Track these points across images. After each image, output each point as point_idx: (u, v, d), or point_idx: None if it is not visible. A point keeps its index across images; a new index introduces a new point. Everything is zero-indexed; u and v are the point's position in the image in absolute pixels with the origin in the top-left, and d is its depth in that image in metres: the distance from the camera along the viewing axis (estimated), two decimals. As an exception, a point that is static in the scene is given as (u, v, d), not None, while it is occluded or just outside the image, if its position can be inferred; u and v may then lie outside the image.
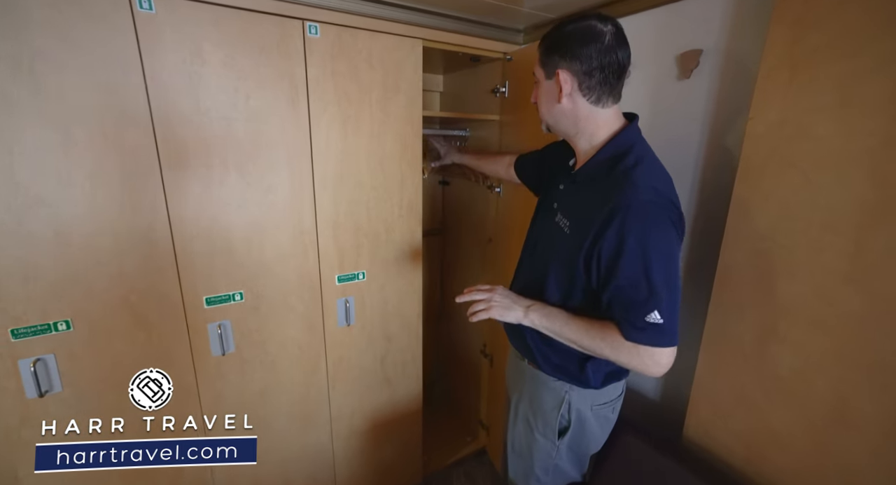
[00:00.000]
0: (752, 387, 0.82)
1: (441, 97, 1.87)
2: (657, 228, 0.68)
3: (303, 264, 1.20)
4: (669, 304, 0.69)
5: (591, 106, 0.77)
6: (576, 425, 0.90)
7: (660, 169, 0.76)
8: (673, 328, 0.70)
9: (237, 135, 1.03)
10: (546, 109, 0.82)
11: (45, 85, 0.82)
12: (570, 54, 0.74)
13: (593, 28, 0.73)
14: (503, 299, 0.86)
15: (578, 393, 0.88)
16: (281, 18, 1.02)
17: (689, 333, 1.04)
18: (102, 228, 0.93)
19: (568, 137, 0.84)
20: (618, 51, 0.73)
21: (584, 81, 0.75)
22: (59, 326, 0.93)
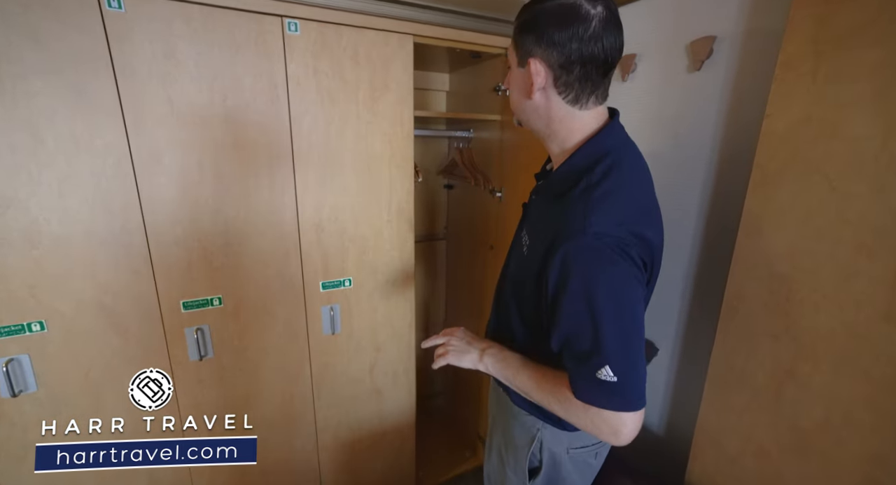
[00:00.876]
0: (763, 434, 0.69)
1: (448, 96, 1.80)
2: (608, 268, 0.55)
3: (284, 269, 1.16)
4: (625, 358, 0.56)
5: (567, 106, 0.63)
6: (549, 468, 0.78)
7: (636, 185, 0.63)
8: (632, 388, 0.56)
9: (215, 135, 1.00)
10: (516, 102, 0.68)
11: (9, 87, 0.81)
12: (547, 40, 0.59)
13: (578, 9, 0.57)
14: (459, 343, 0.77)
15: (552, 432, 0.76)
16: (258, 15, 0.98)
17: (694, 364, 0.91)
18: (74, 230, 0.92)
19: (539, 136, 0.71)
20: (604, 39, 0.58)
21: (561, 76, 0.60)
22: (32, 326, 0.93)
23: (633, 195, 0.61)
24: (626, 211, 0.59)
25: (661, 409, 1.00)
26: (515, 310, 0.72)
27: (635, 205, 0.61)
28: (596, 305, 0.55)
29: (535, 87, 0.62)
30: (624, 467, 0.90)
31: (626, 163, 0.62)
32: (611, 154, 0.62)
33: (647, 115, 0.95)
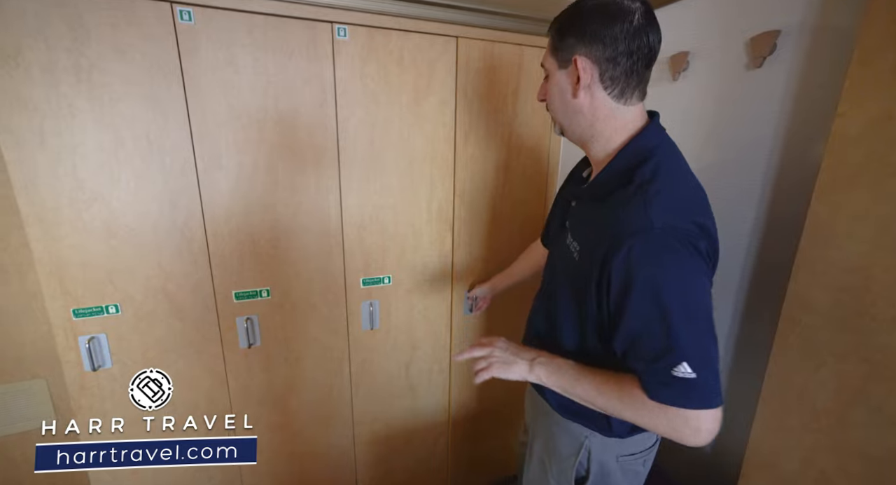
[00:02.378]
0: (826, 459, 0.64)
1: None
2: (676, 261, 0.55)
3: (328, 265, 1.21)
4: (703, 353, 0.54)
5: (612, 102, 0.63)
6: (597, 478, 0.76)
7: (685, 180, 0.61)
8: (712, 384, 0.54)
9: (267, 137, 1.06)
10: (559, 106, 0.68)
11: (99, 93, 0.91)
12: (591, 36, 0.60)
13: (619, 4, 0.59)
14: (503, 354, 0.73)
15: (601, 441, 0.74)
16: (310, 22, 1.03)
17: (744, 378, 0.85)
18: (144, 223, 1.01)
19: (582, 141, 0.70)
20: (649, 33, 0.59)
21: (607, 70, 0.61)
22: (109, 309, 1.03)
23: (689, 188, 0.61)
24: (687, 203, 0.59)
25: (709, 425, 0.94)
26: (566, 313, 0.71)
27: (694, 197, 0.61)
28: (668, 300, 0.54)
29: (582, 85, 0.63)
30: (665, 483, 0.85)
31: (673, 160, 0.61)
32: (656, 152, 0.61)
33: (701, 114, 0.91)
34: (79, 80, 0.89)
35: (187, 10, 0.93)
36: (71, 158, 0.92)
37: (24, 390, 1.39)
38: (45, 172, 0.91)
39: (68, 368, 1.03)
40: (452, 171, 1.28)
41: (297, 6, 1.01)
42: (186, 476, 1.23)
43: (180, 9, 0.92)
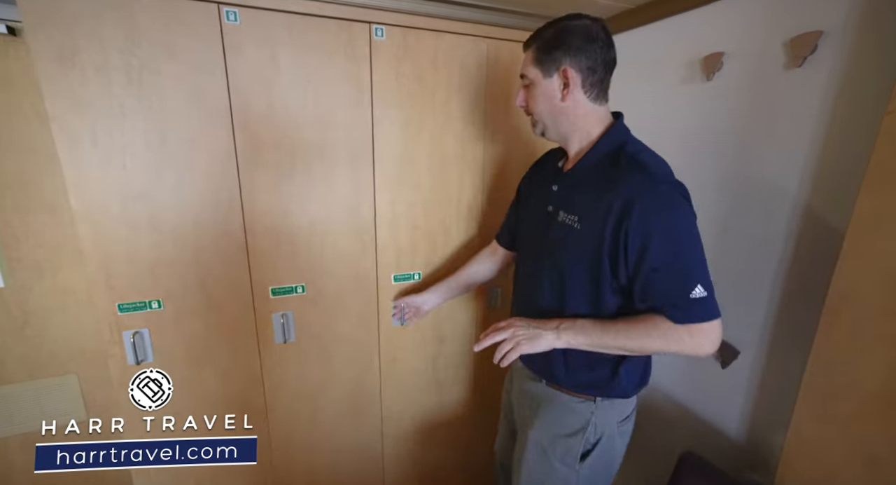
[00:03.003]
0: (872, 442, 0.66)
1: None
2: (679, 210, 0.70)
3: (360, 262, 1.23)
4: (706, 275, 0.69)
5: (590, 103, 0.79)
6: (602, 447, 0.85)
7: (659, 157, 0.77)
8: (714, 299, 0.70)
9: (305, 135, 1.08)
10: (545, 109, 0.82)
11: (148, 92, 0.93)
12: (576, 50, 0.76)
13: (591, 27, 0.76)
14: (527, 330, 0.80)
15: (604, 411, 0.84)
16: (349, 23, 1.05)
17: (784, 368, 0.87)
18: (187, 220, 1.03)
19: (563, 137, 0.85)
20: (612, 48, 0.78)
21: (588, 78, 0.77)
22: (152, 304, 1.05)
23: (663, 159, 0.77)
24: (669, 168, 0.75)
25: (742, 414, 0.96)
26: (576, 283, 0.80)
27: (667, 164, 0.77)
28: (682, 239, 0.68)
29: (569, 90, 0.78)
30: (700, 472, 0.88)
31: (645, 147, 0.79)
32: (629, 138, 0.80)
33: (736, 111, 0.93)
34: (129, 80, 0.91)
35: (233, 11, 0.95)
36: (121, 157, 0.94)
37: (57, 385, 1.41)
38: (95, 170, 0.93)
39: (112, 361, 1.04)
40: (482, 168, 1.30)
41: (336, 6, 1.03)
42: (220, 471, 1.25)
43: (227, 9, 0.94)
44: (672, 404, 1.14)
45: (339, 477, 1.40)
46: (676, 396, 1.13)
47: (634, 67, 1.16)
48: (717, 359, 1.01)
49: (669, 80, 1.07)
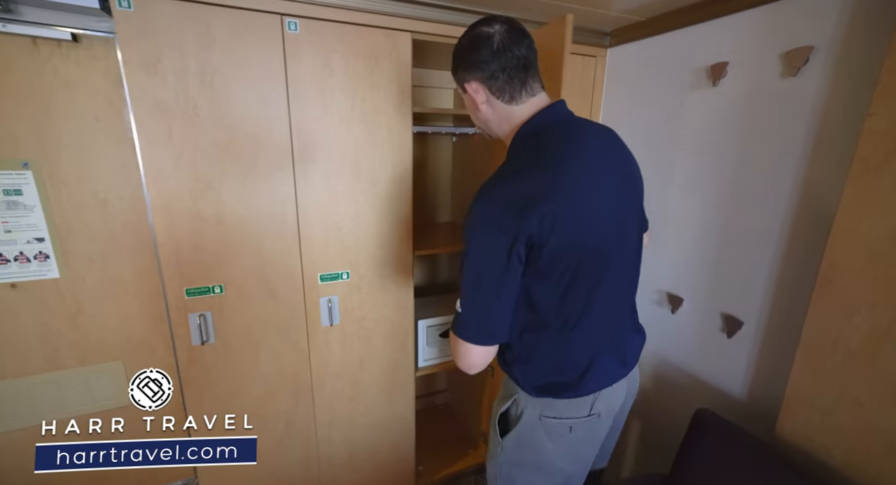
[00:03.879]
0: (857, 388, 0.80)
1: (455, 93, 1.74)
2: (480, 233, 0.70)
3: (398, 249, 1.34)
4: (471, 302, 0.72)
5: (506, 106, 0.78)
6: (521, 428, 0.84)
7: (539, 156, 0.72)
8: (469, 324, 0.73)
9: (354, 133, 1.19)
10: (473, 117, 0.86)
11: (218, 95, 1.02)
12: (469, 65, 0.76)
13: (481, 34, 0.74)
14: None
15: (525, 398, 0.83)
16: (393, 31, 1.15)
17: (781, 333, 1.02)
18: (248, 211, 1.13)
19: (498, 137, 0.86)
20: (512, 48, 0.73)
21: (492, 85, 0.76)
22: (215, 289, 1.15)
23: (541, 160, 0.72)
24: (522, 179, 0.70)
25: (745, 376, 1.11)
26: None
27: (538, 172, 0.70)
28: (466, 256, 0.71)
29: (479, 102, 0.80)
30: (714, 425, 1.02)
31: (548, 135, 0.76)
32: (540, 133, 0.76)
33: (739, 114, 1.07)
34: (202, 84, 1.00)
35: (294, 21, 1.05)
36: (192, 154, 1.03)
37: (106, 371, 1.49)
38: (170, 166, 1.02)
39: (179, 342, 1.14)
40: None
41: (382, 17, 1.13)
42: (273, 446, 1.35)
43: (288, 20, 1.04)
44: (682, 372, 1.28)
45: (375, 452, 1.52)
46: (687, 366, 1.27)
47: (648, 73, 1.29)
48: (723, 330, 1.16)
49: (679, 86, 1.21)
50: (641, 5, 1.20)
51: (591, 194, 0.72)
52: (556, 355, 0.79)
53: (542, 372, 0.80)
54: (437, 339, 1.54)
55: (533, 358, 0.80)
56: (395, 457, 1.56)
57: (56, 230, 1.31)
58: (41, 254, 1.30)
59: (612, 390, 0.84)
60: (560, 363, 0.80)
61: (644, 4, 1.20)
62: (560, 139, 0.75)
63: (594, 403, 0.83)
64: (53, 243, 1.32)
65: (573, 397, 0.80)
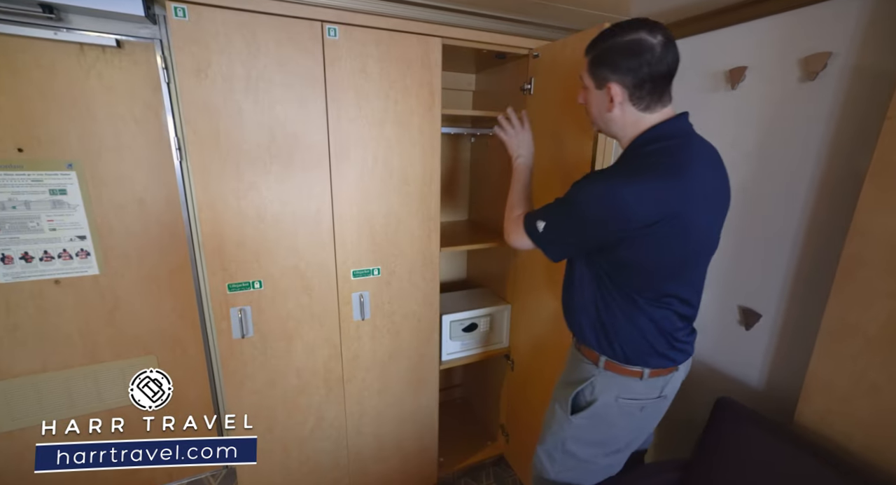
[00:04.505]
0: (875, 373, 0.85)
1: (474, 96, 1.85)
2: (595, 177, 0.81)
3: (427, 245, 1.39)
4: (545, 217, 0.90)
5: (639, 113, 0.81)
6: (595, 409, 0.93)
7: (663, 161, 0.77)
8: (539, 234, 0.91)
9: (386, 134, 1.23)
10: (597, 114, 0.87)
11: (262, 98, 1.07)
12: (622, 69, 0.77)
13: (642, 42, 0.75)
14: (518, 136, 1.15)
15: (605, 379, 0.92)
16: (426, 37, 1.20)
17: (799, 324, 1.07)
18: (286, 209, 1.18)
19: (614, 137, 0.89)
20: (667, 59, 0.76)
21: (635, 93, 0.79)
22: (255, 284, 1.20)
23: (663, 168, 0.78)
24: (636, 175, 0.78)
25: (762, 366, 1.16)
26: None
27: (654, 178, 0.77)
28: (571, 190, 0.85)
29: (615, 104, 0.82)
30: (735, 412, 1.06)
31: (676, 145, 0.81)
32: (663, 140, 0.80)
33: (759, 116, 1.12)
34: (247, 88, 1.05)
35: (334, 28, 1.10)
36: (236, 154, 1.08)
37: (140, 364, 1.54)
38: (217, 166, 1.07)
39: (221, 335, 1.18)
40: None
41: (415, 23, 1.18)
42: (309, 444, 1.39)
43: (328, 26, 1.09)
44: (701, 363, 1.33)
45: (401, 443, 1.56)
46: (705, 357, 1.32)
47: (666, 76, 1.34)
48: (741, 323, 1.21)
49: (697, 89, 1.26)
50: (661, 11, 1.25)
51: (701, 206, 0.79)
52: (637, 333, 0.89)
53: (636, 337, 0.89)
54: (461, 333, 1.59)
55: (622, 334, 0.90)
56: (419, 448, 1.61)
57: (97, 229, 1.36)
58: (83, 251, 1.35)
59: (678, 374, 0.95)
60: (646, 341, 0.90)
61: (663, 11, 1.25)
62: (680, 150, 0.79)
63: (665, 385, 0.93)
64: (94, 241, 1.37)
65: (651, 364, 0.91)
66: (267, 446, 1.34)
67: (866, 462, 0.88)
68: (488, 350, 1.67)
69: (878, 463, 0.86)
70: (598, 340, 0.94)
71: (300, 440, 1.39)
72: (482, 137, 1.77)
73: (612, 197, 0.77)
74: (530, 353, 1.56)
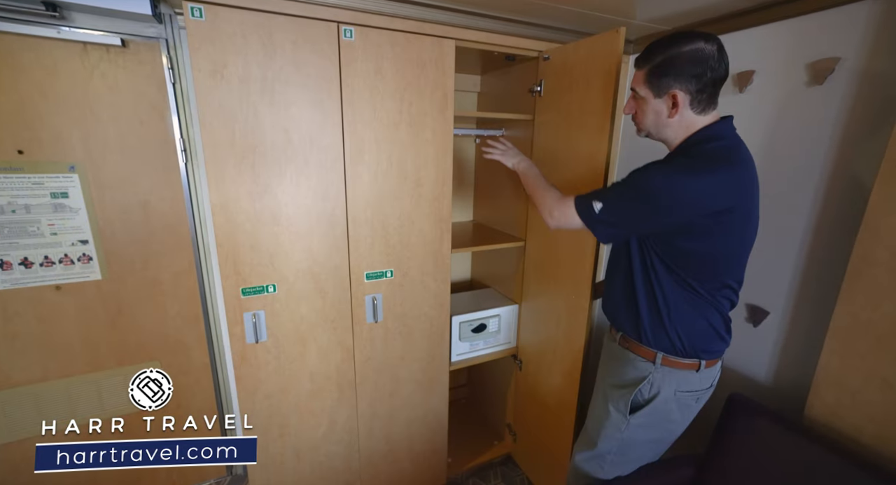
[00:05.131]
0: (885, 368, 0.88)
1: (479, 97, 1.83)
2: (661, 166, 0.85)
3: (439, 247, 1.39)
4: (604, 199, 0.92)
5: (695, 116, 0.87)
6: (656, 404, 0.97)
7: (719, 157, 0.83)
8: (594, 215, 0.93)
9: (400, 136, 1.23)
10: (652, 123, 0.91)
11: (277, 99, 1.06)
12: (686, 76, 0.82)
13: (703, 50, 0.81)
14: (509, 150, 1.27)
15: (663, 375, 0.96)
16: (440, 39, 1.20)
17: (807, 321, 1.11)
18: (300, 212, 1.16)
19: (665, 140, 0.93)
20: (724, 64, 0.83)
21: (696, 98, 0.84)
22: (269, 288, 1.18)
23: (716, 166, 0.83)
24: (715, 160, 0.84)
25: (771, 362, 1.20)
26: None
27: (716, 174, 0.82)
28: (634, 175, 0.89)
29: (679, 109, 0.86)
30: (747, 408, 1.09)
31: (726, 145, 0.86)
32: (715, 140, 0.86)
33: (767, 118, 1.15)
34: (263, 89, 1.04)
35: (350, 29, 1.09)
36: (251, 156, 1.07)
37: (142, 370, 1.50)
38: (232, 168, 1.05)
39: (234, 340, 1.16)
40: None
41: (429, 25, 1.18)
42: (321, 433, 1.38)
43: (345, 28, 1.08)
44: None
45: (412, 444, 1.56)
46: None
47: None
48: (749, 320, 1.24)
49: (705, 91, 1.29)
50: (667, 16, 1.28)
51: (754, 200, 0.87)
52: (703, 320, 0.93)
53: (695, 327, 0.93)
54: (470, 334, 1.60)
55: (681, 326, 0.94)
56: (429, 449, 1.61)
57: (100, 232, 1.32)
58: (85, 256, 1.31)
59: (720, 364, 1.00)
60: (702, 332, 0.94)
61: (669, 15, 1.27)
62: (732, 150, 0.86)
63: (716, 375, 1.00)
64: (97, 245, 1.33)
65: (714, 355, 0.96)
66: (279, 452, 1.33)
67: (878, 453, 0.91)
68: (497, 350, 1.68)
69: (887, 453, 0.90)
70: (656, 333, 0.96)
71: (313, 445, 1.37)
72: (487, 139, 1.77)
73: (684, 186, 0.81)
74: (539, 353, 1.57)
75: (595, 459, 1.09)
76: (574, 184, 1.26)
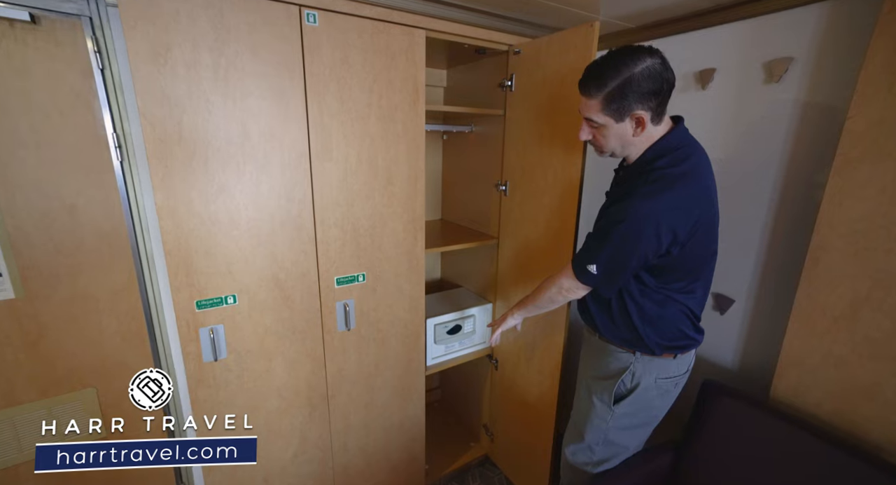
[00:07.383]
0: (841, 346, 0.95)
1: (445, 92, 1.78)
2: (640, 196, 0.85)
3: (413, 248, 1.33)
4: (603, 253, 0.91)
5: (654, 128, 0.88)
6: (637, 393, 1.01)
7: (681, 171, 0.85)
8: (594, 276, 0.94)
9: (370, 131, 1.15)
10: (617, 145, 0.91)
11: (233, 89, 0.94)
12: (646, 95, 0.83)
13: (654, 66, 0.81)
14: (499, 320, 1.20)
15: (644, 364, 1.00)
16: (410, 29, 1.14)
17: (769, 307, 1.18)
18: (263, 214, 1.05)
19: (630, 156, 0.94)
20: (672, 74, 0.84)
21: (656, 112, 0.86)
22: (228, 299, 1.06)
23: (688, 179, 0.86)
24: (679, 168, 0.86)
25: (737, 348, 1.26)
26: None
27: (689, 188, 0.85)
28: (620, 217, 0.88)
29: (643, 128, 0.87)
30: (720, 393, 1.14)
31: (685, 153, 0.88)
32: (679, 150, 0.88)
33: (726, 115, 1.21)
34: (216, 78, 0.92)
35: (313, 13, 0.99)
36: (204, 152, 0.94)
37: (73, 400, 1.31)
38: (180, 165, 0.92)
39: (188, 360, 1.04)
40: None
41: (398, 13, 1.11)
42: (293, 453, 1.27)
43: (307, 11, 0.99)
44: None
45: (389, 454, 1.49)
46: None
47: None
48: (716, 308, 1.30)
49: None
50: (631, 14, 1.30)
51: (713, 209, 0.89)
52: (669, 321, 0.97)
53: (665, 324, 0.97)
54: (445, 336, 1.55)
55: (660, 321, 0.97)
56: (407, 457, 1.55)
57: (11, 243, 1.12)
58: (-8, 272, 1.11)
59: (694, 351, 1.05)
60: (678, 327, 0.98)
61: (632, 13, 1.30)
62: (689, 158, 0.87)
63: (691, 361, 1.04)
64: (6, 258, 1.13)
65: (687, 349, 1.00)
66: (246, 478, 1.21)
67: (834, 426, 0.98)
68: (473, 351, 1.65)
69: (844, 426, 0.97)
70: (630, 336, 0.99)
71: (281, 468, 1.26)
72: (456, 135, 1.73)
73: (657, 215, 0.83)
74: (515, 351, 1.56)
75: (584, 450, 1.12)
76: (553, 179, 1.25)
